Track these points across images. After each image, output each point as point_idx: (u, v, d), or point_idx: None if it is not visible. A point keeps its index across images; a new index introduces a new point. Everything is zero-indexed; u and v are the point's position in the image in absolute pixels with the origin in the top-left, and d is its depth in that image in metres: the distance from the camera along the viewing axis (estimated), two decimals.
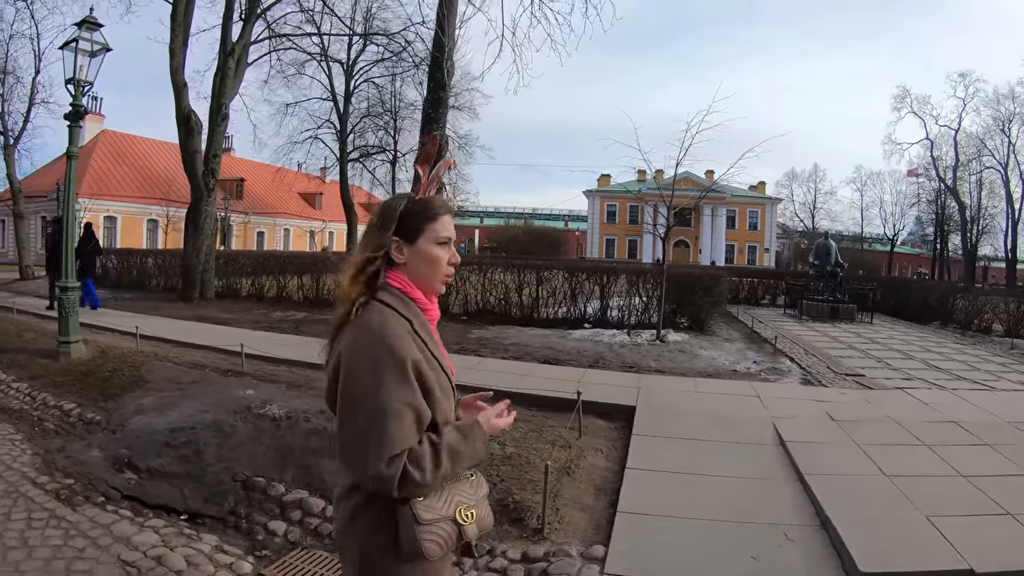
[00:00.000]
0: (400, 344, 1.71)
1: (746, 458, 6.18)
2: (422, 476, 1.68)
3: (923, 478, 5.64)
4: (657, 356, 11.30)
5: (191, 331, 12.14)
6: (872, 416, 7.71)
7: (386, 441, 1.66)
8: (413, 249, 1.86)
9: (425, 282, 1.89)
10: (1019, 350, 14.34)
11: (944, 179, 54.20)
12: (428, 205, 1.88)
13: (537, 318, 15.18)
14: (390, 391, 1.67)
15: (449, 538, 1.77)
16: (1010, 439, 6.84)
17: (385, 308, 1.78)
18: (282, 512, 4.79)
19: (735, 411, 7.82)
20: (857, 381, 9.87)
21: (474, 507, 1.84)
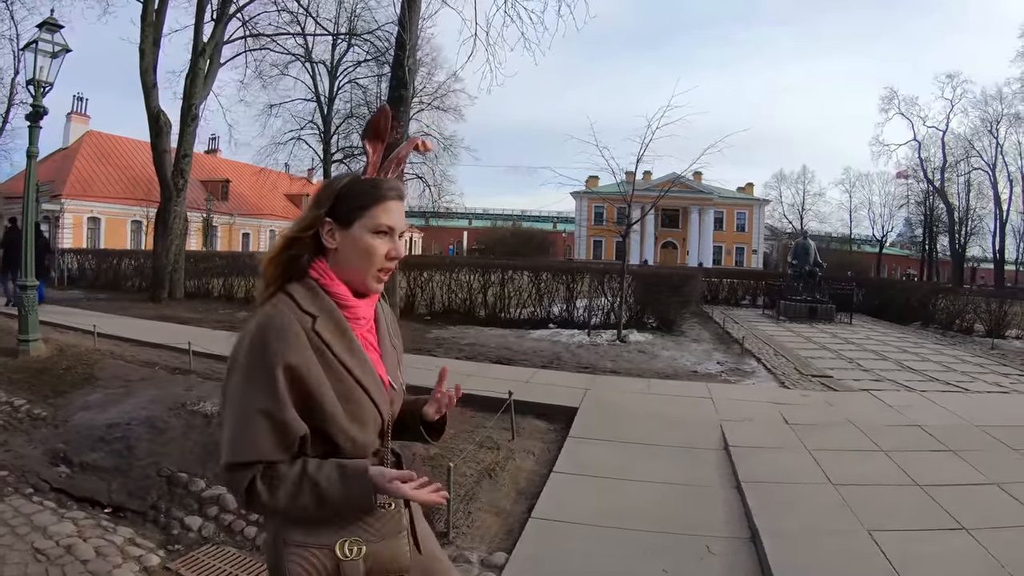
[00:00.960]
0: (275, 344, 1.48)
1: (685, 463, 5.71)
2: (270, 499, 1.48)
3: (874, 487, 5.16)
4: (615, 357, 10.90)
5: (151, 330, 11.97)
6: (831, 420, 7.23)
7: (235, 446, 1.47)
8: (346, 235, 1.61)
9: (355, 275, 1.64)
10: (999, 351, 13.87)
11: (932, 180, 53.88)
12: (373, 186, 1.63)
13: (504, 318, 14.90)
14: (249, 394, 1.47)
15: (323, 568, 1.51)
16: (977, 444, 6.35)
17: (283, 300, 1.57)
18: (200, 508, 4.76)
19: (685, 414, 7.38)
20: (823, 383, 9.39)
21: (370, 543, 1.55)
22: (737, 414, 7.30)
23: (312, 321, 1.54)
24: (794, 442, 6.33)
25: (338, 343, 1.57)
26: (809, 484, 5.20)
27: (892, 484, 5.23)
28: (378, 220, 1.61)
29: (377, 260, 1.62)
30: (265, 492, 1.48)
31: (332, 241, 1.62)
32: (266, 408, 1.46)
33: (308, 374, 1.50)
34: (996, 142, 50.65)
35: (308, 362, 1.51)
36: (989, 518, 4.50)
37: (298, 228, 1.63)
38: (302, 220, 1.63)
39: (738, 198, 70.67)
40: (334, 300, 1.61)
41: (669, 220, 69.50)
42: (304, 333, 1.52)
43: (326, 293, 1.61)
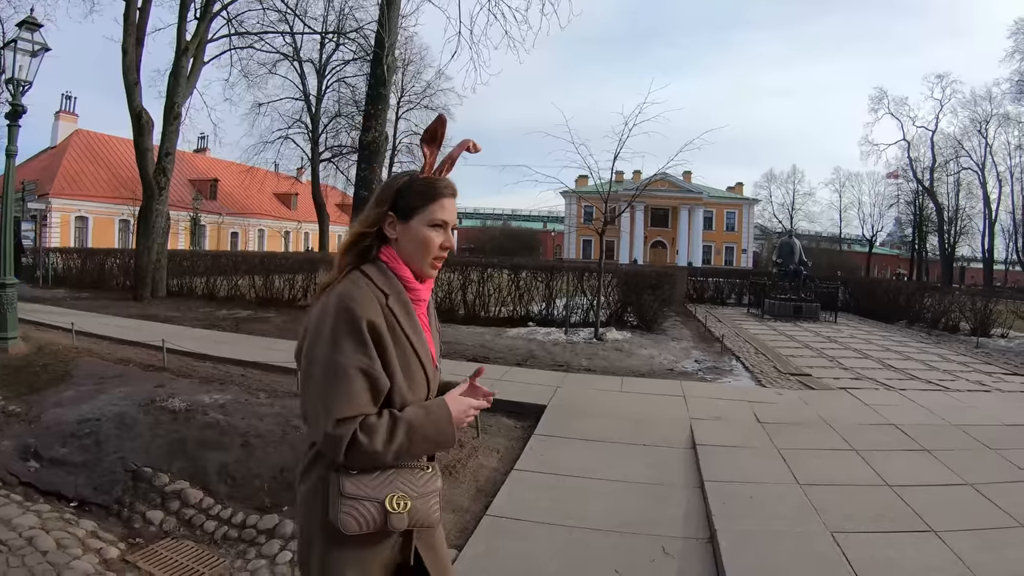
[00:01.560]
0: (360, 308, 1.67)
1: (649, 462, 5.54)
2: (371, 445, 1.64)
3: (842, 487, 4.97)
4: (591, 355, 10.69)
5: (129, 328, 11.82)
6: (804, 418, 7.04)
7: (336, 402, 1.63)
8: (405, 227, 1.82)
9: (414, 263, 1.83)
10: (984, 349, 13.73)
11: (921, 180, 53.85)
12: (429, 185, 1.83)
13: (483, 317, 14.60)
14: (343, 353, 1.64)
15: (372, 520, 1.68)
16: (953, 444, 6.17)
17: (361, 277, 1.76)
18: (162, 502, 4.74)
19: (655, 412, 7.17)
20: (801, 381, 9.20)
21: (413, 499, 1.74)
22: (708, 412, 7.12)
23: (386, 298, 1.74)
24: (764, 441, 6.14)
25: (405, 320, 1.76)
26: (775, 484, 5.00)
27: (861, 485, 5.04)
28: (434, 215, 1.81)
29: (432, 250, 1.82)
30: (367, 440, 1.62)
31: (393, 232, 1.81)
32: (360, 364, 1.64)
33: (384, 337, 1.69)
34: (985, 142, 50.77)
35: (382, 329, 1.69)
36: (960, 520, 4.33)
37: (366, 224, 1.82)
38: (368, 217, 1.82)
39: (728, 197, 70.58)
40: (401, 282, 1.80)
41: (658, 219, 69.37)
42: (380, 308, 1.71)
43: (395, 275, 1.80)
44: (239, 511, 4.44)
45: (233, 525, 4.32)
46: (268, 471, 4.79)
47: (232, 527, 4.31)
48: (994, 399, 8.48)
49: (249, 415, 5.79)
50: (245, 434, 5.34)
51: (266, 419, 5.69)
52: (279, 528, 4.20)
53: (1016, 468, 5.45)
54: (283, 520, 4.24)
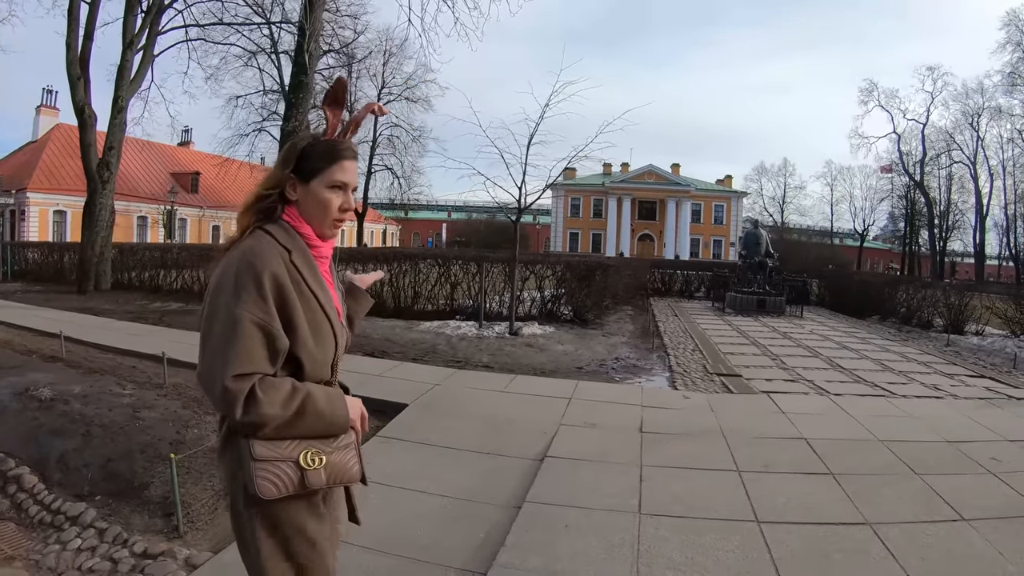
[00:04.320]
0: (262, 262, 1.63)
1: (483, 473, 4.69)
2: (270, 404, 1.59)
3: (692, 521, 3.86)
4: (496, 351, 9.74)
5: (56, 321, 11.32)
6: (699, 428, 5.87)
7: (234, 357, 1.57)
8: (305, 189, 1.79)
9: (314, 223, 1.81)
10: (954, 347, 12.55)
11: (912, 174, 52.58)
12: (330, 147, 1.80)
13: (415, 311, 13.63)
14: (243, 306, 1.59)
15: (289, 481, 1.63)
16: (869, 465, 5.01)
17: (264, 235, 1.72)
18: (3, 485, 4.58)
19: (527, 415, 6.21)
20: (724, 382, 8.03)
21: (327, 453, 1.70)
22: (587, 418, 6.08)
23: (289, 254, 1.70)
24: (630, 455, 5.03)
25: (309, 274, 1.73)
26: (607, 512, 3.95)
27: (718, 518, 3.90)
28: (334, 177, 1.78)
29: (331, 212, 1.79)
30: (264, 397, 1.57)
31: (293, 194, 1.79)
32: (259, 319, 1.59)
33: (288, 292, 1.66)
34: (977, 135, 49.39)
35: (288, 284, 1.66)
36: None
37: (267, 185, 1.79)
38: (271, 178, 1.80)
39: (716, 190, 69.31)
40: (304, 240, 1.78)
41: (646, 212, 68.21)
42: (284, 264, 1.68)
43: (297, 233, 1.78)
44: (59, 497, 4.26)
45: (51, 511, 4.15)
46: (97, 460, 4.59)
47: (49, 512, 4.14)
48: (943, 408, 7.22)
49: (104, 405, 5.69)
50: (90, 423, 5.20)
51: (116, 409, 5.56)
52: (82, 516, 3.95)
53: (938, 501, 4.26)
54: (88, 509, 4.00)
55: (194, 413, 5.60)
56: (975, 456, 5.22)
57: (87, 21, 17.67)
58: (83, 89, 17.67)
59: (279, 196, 1.77)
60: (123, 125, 18.63)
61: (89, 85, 17.95)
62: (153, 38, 19.24)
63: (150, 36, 18.92)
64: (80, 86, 17.58)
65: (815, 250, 55.81)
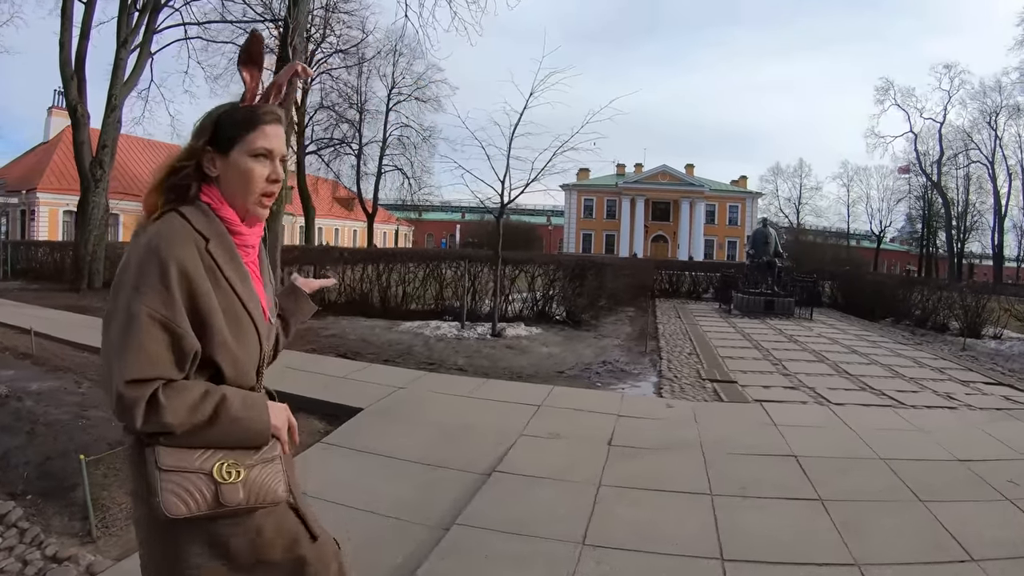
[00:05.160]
0: (169, 253, 1.39)
1: (422, 487, 4.23)
2: (174, 412, 1.36)
3: (645, 556, 3.30)
4: (474, 353, 9.21)
5: (43, 319, 11.13)
6: (677, 441, 5.26)
7: (131, 359, 1.34)
8: (225, 161, 1.55)
9: (238, 200, 1.56)
10: (970, 352, 11.79)
11: (929, 174, 51.34)
12: (249, 112, 1.58)
13: (403, 310, 13.15)
14: (145, 303, 1.35)
15: (200, 496, 1.39)
16: (865, 489, 4.37)
17: (177, 218, 1.48)
18: None
19: (489, 423, 5.68)
20: (717, 390, 7.42)
21: (247, 467, 1.45)
22: (552, 428, 5.50)
23: (206, 243, 1.47)
24: (591, 472, 4.45)
25: (228, 265, 1.50)
26: (543, 539, 3.41)
27: (677, 554, 3.32)
28: (255, 144, 1.55)
29: (257, 184, 1.56)
30: (167, 404, 1.35)
31: (213, 169, 1.55)
32: (163, 317, 1.37)
33: (201, 288, 1.42)
34: (995, 134, 47.84)
35: (201, 276, 1.42)
36: None
37: (179, 157, 1.55)
38: (184, 151, 1.56)
39: (730, 191, 68.21)
40: (225, 225, 1.54)
41: (659, 213, 67.33)
42: (198, 252, 1.44)
43: (217, 217, 1.54)
44: None
45: None
46: (37, 459, 4.43)
47: None
48: (955, 420, 6.55)
49: (55, 403, 5.67)
50: (36, 421, 5.16)
51: (64, 408, 5.52)
52: (8, 515, 3.69)
53: (943, 535, 3.62)
54: (16, 508, 3.77)
55: None
56: (989, 478, 4.55)
57: (83, 20, 17.73)
58: (76, 88, 17.64)
59: (195, 172, 1.53)
60: (117, 124, 18.47)
61: (84, 84, 17.99)
62: (149, 36, 19.13)
63: (146, 35, 18.83)
64: (73, 85, 17.56)
65: (831, 251, 54.72)
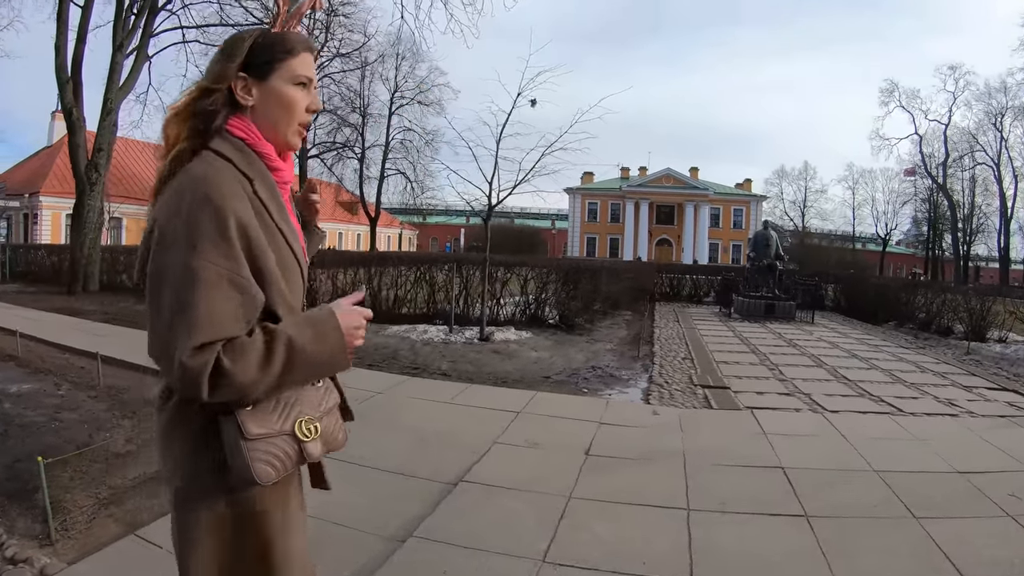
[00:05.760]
0: (224, 201, 1.28)
1: (386, 497, 4.00)
2: (243, 373, 1.24)
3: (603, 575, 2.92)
4: (459, 357, 8.96)
5: (32, 321, 11.14)
6: (658, 450, 5.00)
7: (194, 324, 1.22)
8: (264, 88, 1.43)
9: (276, 132, 1.46)
10: (975, 356, 11.46)
11: (935, 176, 50.96)
12: (284, 38, 1.46)
13: (395, 313, 12.88)
14: (205, 259, 1.23)
15: (287, 458, 1.34)
16: (855, 504, 4.10)
17: (217, 158, 1.35)
18: None
19: (465, 430, 5.45)
20: (708, 396, 7.15)
21: (319, 420, 1.42)
22: (530, 435, 5.28)
23: (251, 184, 1.37)
24: (562, 483, 4.22)
25: (275, 209, 1.41)
26: (505, 556, 3.22)
27: (642, 575, 2.99)
28: (296, 71, 1.45)
29: (298, 113, 1.47)
30: (234, 365, 1.23)
31: (248, 97, 1.43)
32: (227, 272, 1.26)
33: (256, 235, 1.32)
34: (1000, 136, 47.60)
35: (255, 224, 1.33)
36: None
37: (211, 79, 1.40)
38: (213, 72, 1.41)
39: (735, 194, 67.92)
40: (264, 161, 1.44)
41: (664, 216, 67.09)
42: (246, 195, 1.34)
43: (255, 153, 1.42)
44: None
45: None
46: (6, 460, 4.35)
47: None
48: (956, 428, 6.24)
49: (32, 405, 5.64)
50: (10, 423, 5.11)
51: (41, 409, 5.50)
52: None
53: (937, 555, 3.36)
54: None
55: (112, 416, 5.37)
56: (989, 491, 4.27)
57: (80, 24, 17.67)
58: (71, 92, 17.55)
59: (225, 101, 1.40)
60: (113, 128, 18.50)
61: (81, 88, 17.91)
62: (146, 40, 19.09)
63: (143, 38, 18.78)
64: (68, 89, 17.47)
65: (836, 255, 54.33)
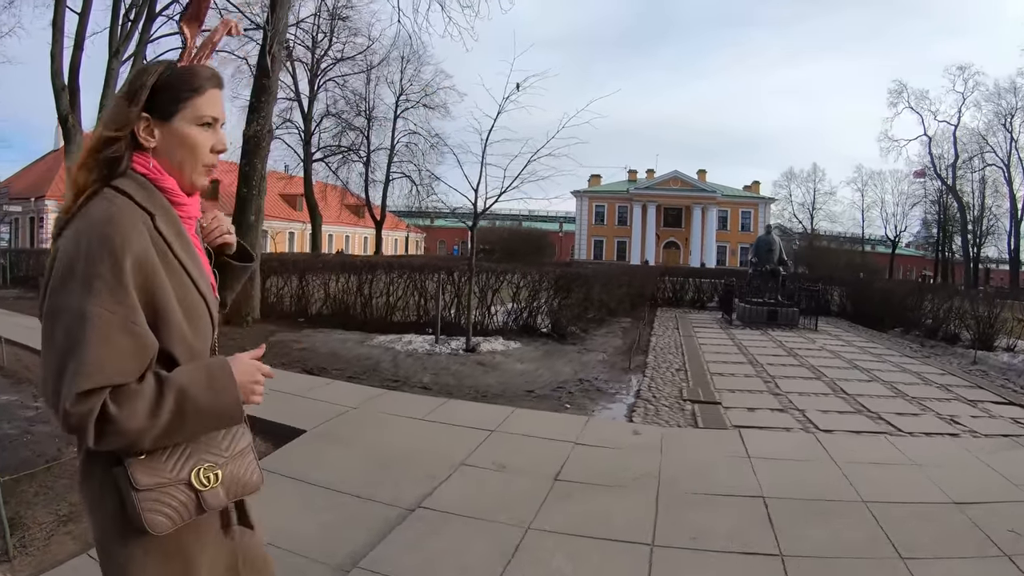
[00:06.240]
0: (123, 242, 1.24)
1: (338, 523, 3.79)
2: (130, 420, 1.21)
3: None
4: (441, 369, 8.69)
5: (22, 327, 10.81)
6: (632, 475, 4.71)
7: (81, 369, 1.18)
8: (168, 129, 1.40)
9: (181, 172, 1.43)
10: (981, 366, 11.09)
11: (944, 178, 50.41)
12: (191, 74, 1.43)
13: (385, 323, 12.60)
14: (99, 305, 1.21)
15: (182, 508, 1.30)
16: (837, 542, 3.79)
17: (117, 195, 1.33)
18: None
19: (432, 450, 5.24)
20: (696, 412, 6.87)
21: (222, 466, 1.37)
22: (499, 456, 5.06)
23: (152, 219, 1.33)
24: (523, 512, 3.97)
25: (178, 243, 1.37)
26: None
27: None
28: (201, 111, 1.42)
29: (202, 154, 1.44)
30: (121, 415, 1.20)
31: (151, 139, 1.39)
32: (120, 318, 1.23)
33: (155, 275, 1.29)
34: (1010, 136, 47.12)
35: (156, 264, 1.30)
36: None
37: (114, 126, 1.36)
38: (116, 118, 1.37)
39: (743, 196, 67.54)
40: (166, 196, 1.40)
41: (671, 219, 66.73)
42: (147, 232, 1.30)
43: (157, 189, 1.39)
44: None
45: None
46: None
47: None
48: (955, 450, 5.86)
49: (6, 417, 5.61)
50: None
51: (14, 422, 5.48)
52: None
53: None
54: None
55: None
56: (987, 526, 3.94)
57: (77, 31, 18.03)
58: (67, 99, 18.02)
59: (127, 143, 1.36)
60: None
61: (78, 95, 18.25)
62: (143, 46, 19.27)
63: (140, 44, 18.95)
64: (64, 96, 17.94)
65: (845, 257, 53.74)
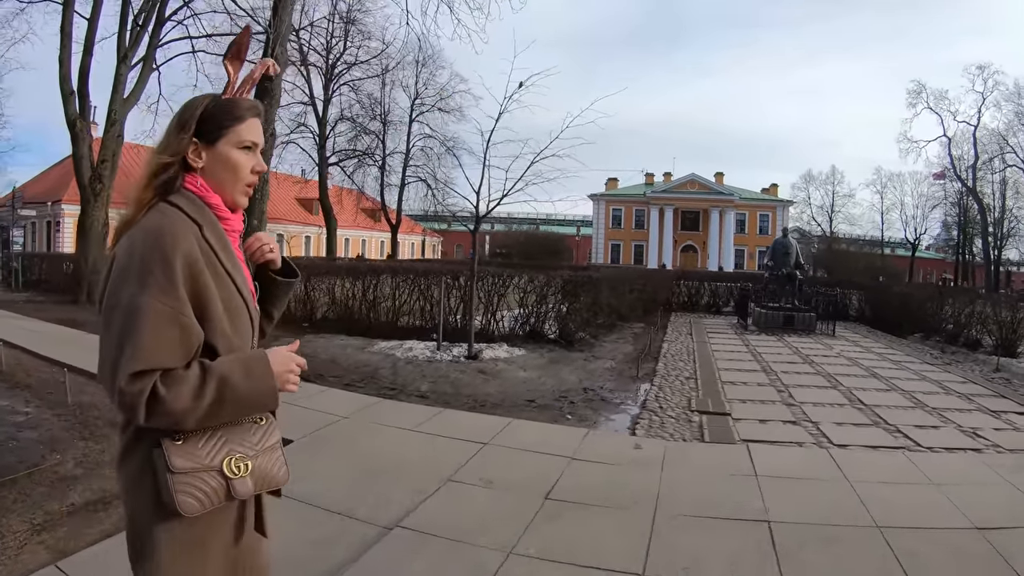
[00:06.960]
0: (172, 241, 1.40)
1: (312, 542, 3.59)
2: (176, 401, 1.35)
3: None
4: (440, 377, 8.49)
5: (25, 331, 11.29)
6: (628, 495, 4.43)
7: (134, 353, 1.33)
8: (212, 152, 1.58)
9: (224, 190, 1.59)
10: (1004, 373, 10.67)
11: (964, 179, 49.43)
12: (232, 105, 1.60)
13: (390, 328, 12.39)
14: (152, 297, 1.36)
15: (213, 493, 1.41)
16: (847, 573, 3.46)
17: (170, 208, 1.49)
18: None
19: (421, 462, 5.05)
20: (704, 425, 6.58)
21: (252, 458, 1.48)
22: (488, 472, 4.85)
23: (200, 228, 1.48)
24: (506, 534, 3.73)
25: (222, 251, 1.51)
26: None
27: None
28: (242, 137, 1.59)
29: (243, 175, 1.60)
30: (168, 394, 1.34)
31: (199, 160, 1.56)
32: (170, 308, 1.37)
33: (202, 275, 1.44)
34: None
35: (202, 266, 1.44)
36: None
37: (169, 152, 1.54)
38: (170, 145, 1.54)
39: (761, 199, 66.75)
40: (212, 211, 1.55)
41: (689, 222, 66.14)
42: (196, 240, 1.45)
43: (205, 204, 1.55)
44: None
45: None
46: None
47: None
48: (978, 467, 5.50)
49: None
50: None
51: (3, 427, 5.49)
52: None
53: None
54: None
55: (71, 436, 5.32)
56: (1010, 554, 3.63)
57: (86, 36, 17.96)
58: (75, 104, 17.92)
59: (180, 165, 1.52)
60: (118, 139, 18.54)
61: (88, 100, 18.43)
62: (153, 51, 19.15)
63: (149, 49, 18.88)
64: (72, 101, 17.82)
65: (864, 260, 52.96)
